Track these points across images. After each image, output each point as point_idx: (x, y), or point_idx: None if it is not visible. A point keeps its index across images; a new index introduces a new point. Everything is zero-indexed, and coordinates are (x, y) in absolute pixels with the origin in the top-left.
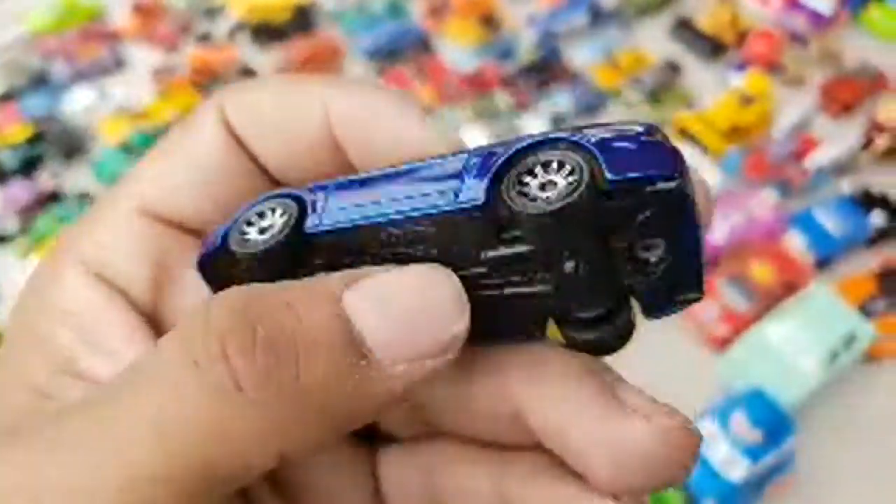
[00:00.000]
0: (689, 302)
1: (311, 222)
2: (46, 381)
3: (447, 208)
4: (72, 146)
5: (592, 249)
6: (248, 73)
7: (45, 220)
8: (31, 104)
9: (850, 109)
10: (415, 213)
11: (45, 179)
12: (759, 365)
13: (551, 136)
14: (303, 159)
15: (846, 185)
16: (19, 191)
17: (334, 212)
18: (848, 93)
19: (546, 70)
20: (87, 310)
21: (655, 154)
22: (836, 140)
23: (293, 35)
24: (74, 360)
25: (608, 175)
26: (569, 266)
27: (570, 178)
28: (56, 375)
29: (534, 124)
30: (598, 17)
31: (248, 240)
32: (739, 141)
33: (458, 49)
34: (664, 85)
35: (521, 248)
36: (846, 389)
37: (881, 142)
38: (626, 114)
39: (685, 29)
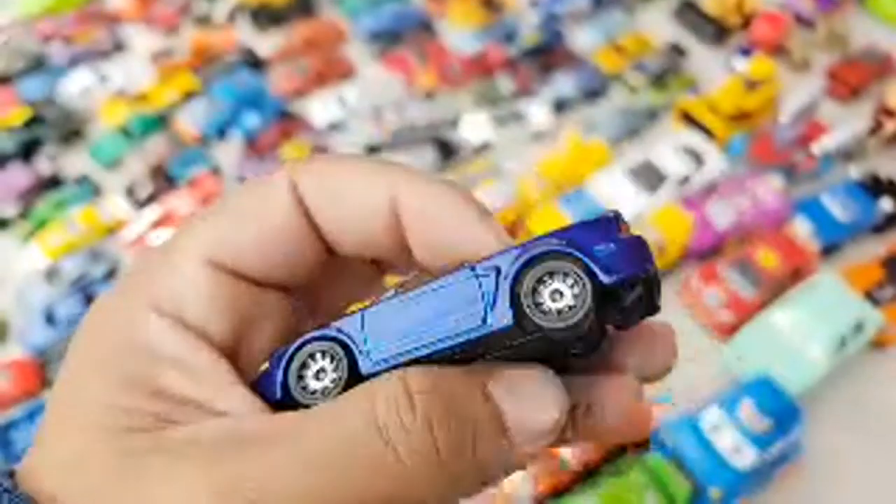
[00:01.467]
0: (649, 316)
1: (364, 365)
2: (161, 409)
3: (484, 332)
4: (70, 129)
5: (595, 328)
6: (248, 55)
7: (44, 205)
8: (28, 87)
9: (857, 94)
10: (456, 341)
11: (43, 163)
12: (765, 352)
13: (540, 250)
14: (365, 238)
15: (854, 171)
16: (18, 175)
17: (381, 350)
18: (855, 76)
19: (549, 54)
20: (181, 352)
21: (633, 249)
22: (843, 125)
23: (294, 18)
24: (184, 395)
25: (604, 280)
26: (578, 346)
27: (575, 290)
28: (172, 403)
29: (536, 110)
30: (600, 1)
31: (311, 390)
32: (745, 126)
33: (460, 32)
34: (668, 69)
35: (541, 339)
36: (854, 377)
37: (890, 126)
38: (628, 99)
39: (689, 12)
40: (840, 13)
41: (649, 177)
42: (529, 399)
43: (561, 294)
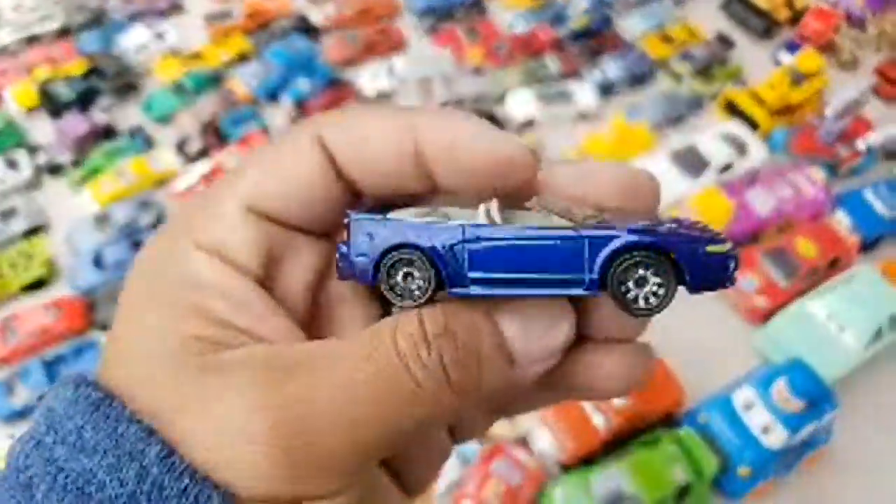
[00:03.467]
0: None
1: (454, 288)
2: (212, 333)
3: (574, 293)
4: (126, 83)
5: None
6: (301, 21)
7: (98, 154)
8: (87, 41)
9: None
10: (553, 292)
11: (99, 114)
12: (799, 339)
13: (646, 240)
14: (389, 177)
15: None
16: (75, 123)
17: (476, 285)
18: None
19: (597, 37)
20: (226, 283)
21: (720, 268)
22: (889, 123)
23: None
24: (231, 321)
25: (690, 286)
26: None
27: (660, 288)
28: (221, 328)
29: (581, 91)
30: None
31: (399, 293)
32: (789, 119)
33: (510, 11)
34: (715, 59)
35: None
36: (888, 369)
37: None
38: (673, 86)
39: (739, 5)
40: (891, 13)
41: (692, 162)
42: (534, 321)
43: (645, 281)
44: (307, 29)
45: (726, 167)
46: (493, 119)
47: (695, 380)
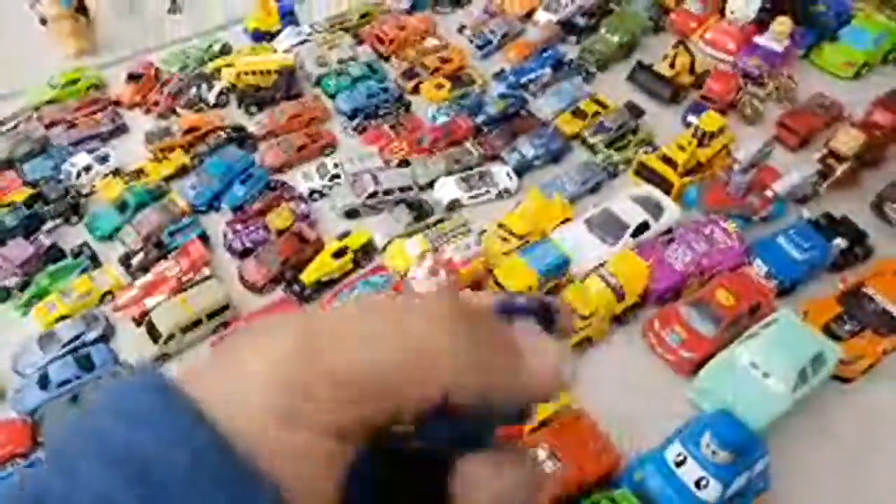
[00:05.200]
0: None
1: None
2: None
3: None
4: (69, 206)
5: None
6: (237, 131)
7: (43, 277)
8: (32, 169)
9: (807, 141)
10: None
11: (42, 237)
12: (729, 388)
13: None
14: None
15: (807, 212)
16: (19, 249)
17: None
18: (804, 125)
19: (513, 120)
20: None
21: None
22: (795, 170)
23: (279, 100)
24: None
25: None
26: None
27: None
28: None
29: (500, 172)
30: (560, 70)
31: None
32: (701, 176)
33: (431, 105)
34: (626, 128)
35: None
36: (817, 410)
37: (839, 169)
38: (589, 157)
39: (644, 74)
40: (786, 68)
41: (609, 226)
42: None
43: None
44: (243, 139)
45: (642, 228)
46: (420, 207)
47: (631, 436)
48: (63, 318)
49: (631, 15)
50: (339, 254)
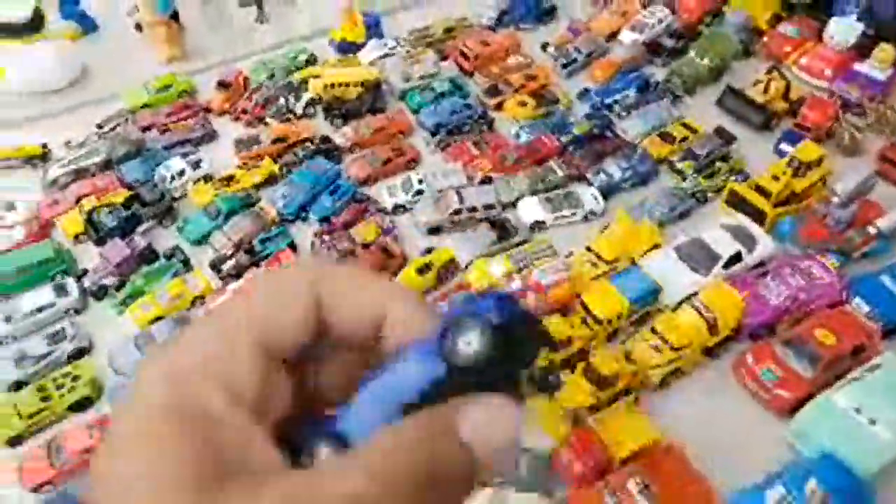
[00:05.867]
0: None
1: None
2: (212, 469)
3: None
4: (164, 209)
5: (498, 367)
6: (325, 142)
7: (137, 278)
8: (128, 170)
9: None
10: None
11: (138, 239)
12: (829, 432)
13: (452, 315)
14: (354, 331)
15: None
16: (117, 249)
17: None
18: None
19: (599, 141)
20: (236, 420)
21: (510, 303)
22: None
23: (364, 113)
24: (233, 458)
25: (494, 320)
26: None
27: (478, 336)
28: (223, 465)
29: (586, 193)
30: (646, 91)
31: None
32: (796, 208)
33: (515, 123)
34: (716, 155)
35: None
36: None
37: None
38: (677, 183)
39: (736, 98)
40: (888, 97)
41: (699, 256)
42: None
43: (470, 343)
44: (328, 150)
45: (734, 259)
46: (503, 227)
47: (724, 474)
48: (157, 318)
49: (721, 38)
50: (422, 270)
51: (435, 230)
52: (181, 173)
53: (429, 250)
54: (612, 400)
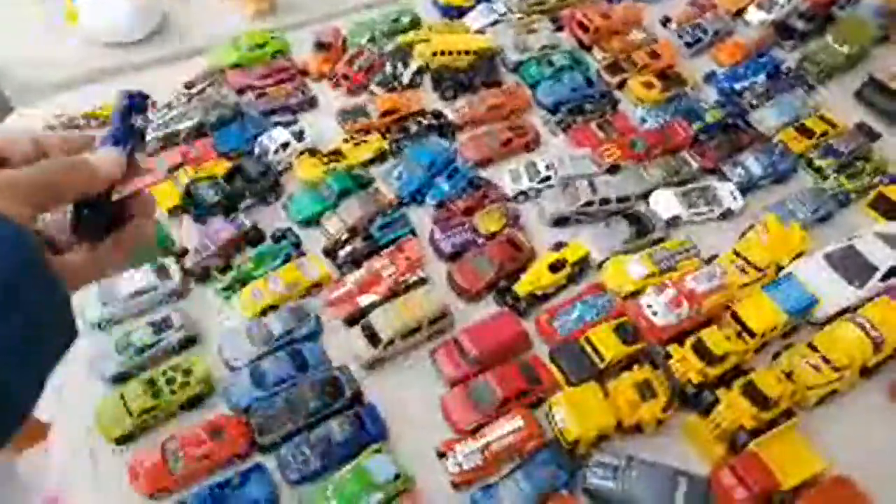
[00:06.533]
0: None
1: None
2: None
3: None
4: (269, 185)
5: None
6: (437, 118)
7: (244, 261)
8: (223, 138)
9: None
10: None
11: (242, 218)
12: None
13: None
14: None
15: None
16: (220, 228)
17: None
18: None
19: (734, 131)
20: None
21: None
22: None
23: (478, 86)
24: None
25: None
26: None
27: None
28: None
29: (724, 190)
30: (777, 78)
31: None
32: None
33: (638, 106)
34: (859, 153)
35: None
36: None
37: None
38: (815, 182)
39: (879, 90)
40: None
41: (855, 266)
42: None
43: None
44: (441, 126)
45: (893, 271)
46: (639, 219)
47: (888, 495)
48: (270, 307)
49: (859, 22)
50: (555, 266)
51: (560, 221)
52: (285, 145)
53: (559, 245)
54: (772, 421)
